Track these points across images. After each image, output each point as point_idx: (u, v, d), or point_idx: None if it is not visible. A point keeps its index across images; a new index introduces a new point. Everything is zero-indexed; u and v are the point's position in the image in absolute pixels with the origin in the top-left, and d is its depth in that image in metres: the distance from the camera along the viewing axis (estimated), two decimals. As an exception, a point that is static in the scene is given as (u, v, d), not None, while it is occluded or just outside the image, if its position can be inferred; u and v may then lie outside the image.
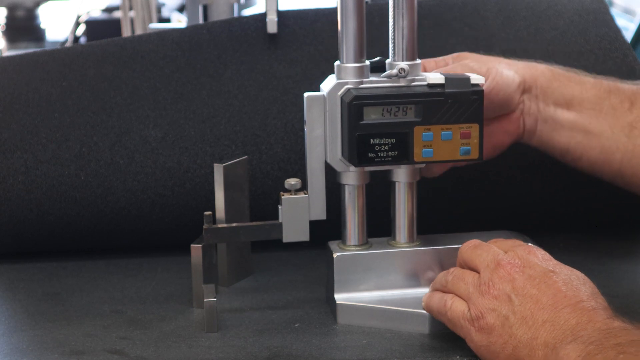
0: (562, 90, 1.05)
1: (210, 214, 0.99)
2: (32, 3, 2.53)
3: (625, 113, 1.05)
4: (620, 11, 2.70)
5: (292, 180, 1.00)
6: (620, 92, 1.06)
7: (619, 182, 1.07)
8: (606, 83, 1.07)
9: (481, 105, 0.97)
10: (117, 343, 0.94)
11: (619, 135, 1.04)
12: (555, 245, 1.08)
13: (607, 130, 1.05)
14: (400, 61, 0.98)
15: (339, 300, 0.98)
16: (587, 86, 1.06)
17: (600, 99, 1.05)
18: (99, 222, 1.15)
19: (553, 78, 1.05)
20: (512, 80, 1.03)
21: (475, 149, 0.98)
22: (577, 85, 1.05)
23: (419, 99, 0.96)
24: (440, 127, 0.97)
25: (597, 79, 1.07)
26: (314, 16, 1.24)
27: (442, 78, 0.97)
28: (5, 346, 0.95)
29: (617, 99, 1.05)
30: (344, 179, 0.99)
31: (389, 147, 0.97)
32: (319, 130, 0.98)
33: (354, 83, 0.97)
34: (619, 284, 1.07)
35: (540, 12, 1.25)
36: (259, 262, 1.14)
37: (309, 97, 0.98)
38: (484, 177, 1.16)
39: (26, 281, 1.11)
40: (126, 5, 1.86)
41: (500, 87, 1.02)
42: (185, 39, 1.21)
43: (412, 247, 1.01)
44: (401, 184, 1.00)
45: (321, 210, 1.00)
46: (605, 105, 1.05)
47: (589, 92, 1.05)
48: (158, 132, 1.15)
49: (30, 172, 1.13)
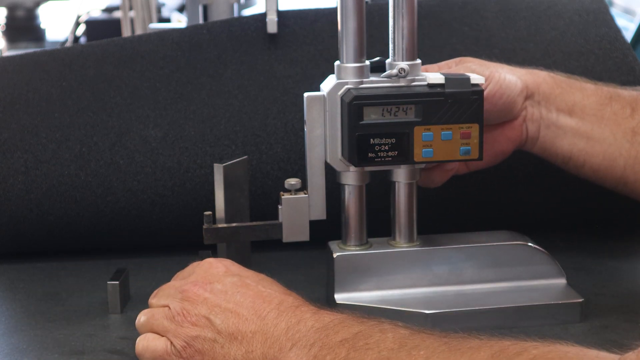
0: (564, 96, 1.05)
1: (210, 213, 0.99)
2: (32, 3, 2.53)
3: (627, 119, 1.04)
4: (620, 11, 2.70)
5: (292, 180, 1.00)
6: (621, 98, 1.05)
7: (622, 189, 1.06)
8: (606, 89, 1.06)
9: (481, 105, 0.97)
10: (117, 343, 0.94)
11: (622, 141, 1.04)
12: (555, 245, 1.08)
13: (610, 136, 1.04)
14: (400, 61, 0.98)
15: (339, 300, 0.98)
16: (588, 92, 1.05)
17: (601, 105, 1.05)
18: (99, 222, 1.15)
19: (555, 85, 1.05)
20: (514, 85, 1.02)
21: (475, 148, 0.98)
22: (579, 92, 1.05)
23: (419, 99, 0.96)
24: (440, 127, 0.97)
25: (598, 86, 1.07)
26: (314, 16, 1.24)
27: (442, 78, 0.97)
28: (5, 346, 0.95)
29: (619, 105, 1.05)
30: (344, 179, 0.99)
31: (389, 147, 0.97)
32: (319, 130, 0.98)
33: (354, 83, 0.97)
34: (619, 284, 1.07)
35: (540, 12, 1.25)
36: (259, 262, 1.13)
37: (309, 97, 0.98)
38: (484, 177, 1.16)
39: (26, 281, 1.11)
40: (126, 5, 1.86)
41: (503, 91, 1.02)
42: (185, 39, 1.21)
43: (412, 247, 1.01)
44: (401, 184, 1.00)
45: (321, 210, 1.00)
46: (607, 112, 1.05)
47: (590, 98, 1.05)
48: (158, 132, 1.15)
49: (30, 172, 1.13)
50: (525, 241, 1.02)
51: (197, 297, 0.86)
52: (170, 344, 0.85)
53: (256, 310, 0.84)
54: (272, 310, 0.83)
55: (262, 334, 0.82)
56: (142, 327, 0.89)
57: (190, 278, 0.90)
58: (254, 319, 0.83)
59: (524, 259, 1.01)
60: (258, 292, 0.86)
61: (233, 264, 0.91)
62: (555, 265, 1.02)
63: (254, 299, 0.85)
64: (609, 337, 0.94)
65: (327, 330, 0.80)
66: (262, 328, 0.82)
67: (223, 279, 0.88)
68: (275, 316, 0.83)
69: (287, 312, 0.83)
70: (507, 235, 1.03)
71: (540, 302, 0.97)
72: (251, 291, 0.86)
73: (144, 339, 0.88)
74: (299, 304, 0.85)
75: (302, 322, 0.82)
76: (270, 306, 0.84)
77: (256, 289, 0.86)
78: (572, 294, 0.99)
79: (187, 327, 0.85)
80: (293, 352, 0.79)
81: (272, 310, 0.83)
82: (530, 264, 1.01)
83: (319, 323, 0.81)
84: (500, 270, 1.01)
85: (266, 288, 0.86)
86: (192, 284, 0.88)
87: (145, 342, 0.87)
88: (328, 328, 0.80)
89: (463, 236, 1.03)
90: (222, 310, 0.84)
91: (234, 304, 0.85)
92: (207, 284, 0.87)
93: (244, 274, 0.89)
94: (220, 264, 0.90)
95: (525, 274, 1.01)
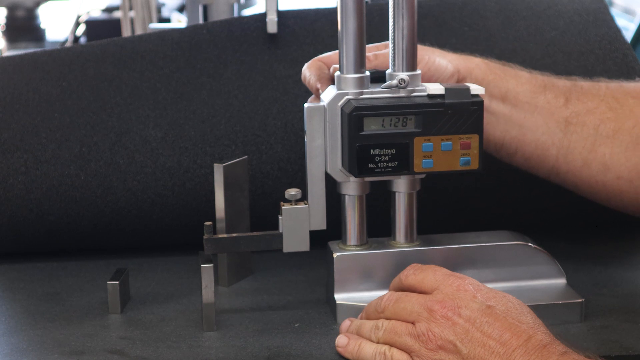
0: (497, 82, 1.03)
1: (211, 224, 0.99)
2: (32, 3, 2.53)
3: (561, 108, 1.03)
4: (620, 11, 2.70)
5: (293, 191, 0.99)
6: (555, 88, 1.05)
7: (553, 178, 1.06)
8: (541, 78, 1.05)
9: (481, 116, 0.97)
10: (117, 343, 0.94)
11: (555, 130, 1.03)
12: (555, 245, 1.08)
13: (542, 125, 1.03)
14: (400, 72, 0.98)
15: (339, 300, 0.98)
16: (522, 80, 1.04)
17: (535, 93, 1.04)
18: (99, 222, 1.15)
19: (488, 71, 1.04)
20: (444, 68, 1.01)
21: (475, 159, 0.98)
22: (513, 79, 1.04)
23: (419, 110, 0.96)
24: (440, 138, 0.97)
25: (532, 74, 1.06)
26: (314, 16, 1.24)
27: (442, 89, 0.97)
28: (5, 346, 0.95)
29: (552, 94, 1.04)
30: (344, 189, 1.00)
31: (389, 157, 0.97)
32: (319, 140, 0.98)
33: (354, 94, 0.97)
34: (619, 284, 1.07)
35: (540, 12, 1.25)
36: (259, 262, 1.14)
37: (309, 107, 0.98)
38: (484, 178, 1.16)
39: (26, 281, 1.11)
40: (126, 5, 1.86)
41: (432, 73, 1.01)
42: (185, 39, 1.21)
43: (412, 247, 1.01)
44: (401, 194, 1.00)
45: (321, 220, 1.00)
46: (540, 100, 1.03)
47: (524, 86, 1.04)
48: (158, 132, 1.15)
49: (30, 172, 1.13)
50: (525, 241, 1.02)
51: (445, 320, 0.85)
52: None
53: (503, 343, 0.83)
54: (520, 347, 0.82)
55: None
56: (380, 338, 0.89)
57: (437, 296, 0.88)
58: (501, 352, 0.82)
59: (524, 259, 1.01)
60: (506, 324, 0.84)
61: (480, 285, 0.89)
62: (555, 265, 1.02)
63: (501, 332, 0.84)
64: (609, 337, 0.94)
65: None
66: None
67: (471, 304, 0.86)
68: (521, 354, 0.82)
69: (534, 353, 0.82)
70: (507, 235, 1.03)
71: (540, 302, 0.97)
72: (499, 322, 0.85)
73: (389, 350, 0.87)
74: (547, 342, 0.83)
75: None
76: (518, 342, 0.83)
77: (504, 319, 0.85)
78: (572, 294, 0.99)
79: (433, 349, 0.85)
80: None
81: (519, 347, 0.82)
82: (530, 264, 1.01)
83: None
84: (500, 270, 1.01)
85: (514, 319, 0.85)
86: (440, 305, 0.86)
87: (390, 353, 0.87)
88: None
89: (463, 236, 1.03)
90: (470, 339, 0.84)
91: (482, 333, 0.84)
92: (455, 308, 0.86)
93: (493, 301, 0.87)
94: (470, 285, 0.88)
95: (525, 274, 1.01)
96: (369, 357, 0.89)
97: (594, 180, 1.03)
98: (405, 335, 0.87)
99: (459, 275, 0.90)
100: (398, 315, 0.89)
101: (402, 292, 0.92)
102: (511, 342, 0.83)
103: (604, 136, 1.02)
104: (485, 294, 0.88)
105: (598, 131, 1.02)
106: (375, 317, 0.92)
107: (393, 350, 0.88)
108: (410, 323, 0.88)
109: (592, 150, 1.02)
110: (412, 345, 0.86)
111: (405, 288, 0.93)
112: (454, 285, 0.89)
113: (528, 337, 0.83)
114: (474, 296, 0.87)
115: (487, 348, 0.83)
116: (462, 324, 0.85)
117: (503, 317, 0.85)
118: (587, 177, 1.03)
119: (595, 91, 1.05)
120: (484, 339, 0.84)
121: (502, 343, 0.83)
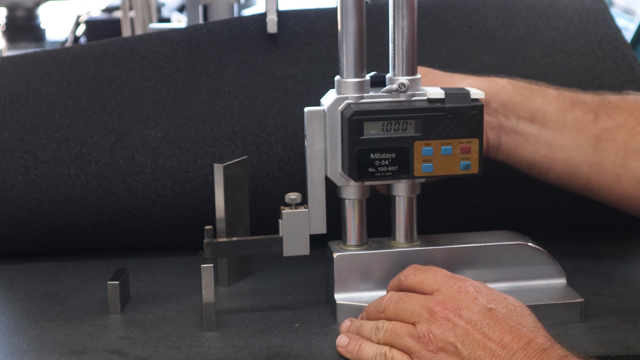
0: (525, 103, 1.03)
1: (211, 228, 0.99)
2: (32, 3, 2.53)
3: (590, 125, 1.03)
4: (620, 11, 2.70)
5: (293, 195, 0.99)
6: (584, 104, 1.04)
7: (587, 194, 1.05)
8: (569, 95, 1.05)
9: (481, 120, 0.97)
10: (117, 343, 0.95)
11: (585, 148, 1.03)
12: (555, 245, 1.08)
13: (572, 143, 1.03)
14: (400, 76, 0.98)
15: (339, 300, 0.98)
16: (550, 99, 1.04)
17: (563, 111, 1.03)
18: (99, 222, 1.15)
19: (515, 92, 1.04)
20: None
21: (475, 163, 0.98)
22: (540, 98, 1.04)
23: (419, 114, 0.97)
24: (440, 142, 0.97)
25: (560, 91, 1.06)
26: (314, 16, 1.24)
27: (442, 93, 0.97)
28: (5, 346, 0.95)
29: (581, 111, 1.04)
30: (344, 194, 1.00)
31: (389, 162, 0.97)
32: (319, 144, 0.98)
33: (354, 98, 0.97)
34: (619, 284, 1.07)
35: (540, 12, 1.25)
36: (259, 262, 1.14)
37: (310, 111, 0.98)
38: (484, 178, 1.16)
39: (26, 281, 1.11)
40: (126, 5, 1.86)
41: None
42: (185, 39, 1.21)
43: (412, 247, 1.01)
44: (401, 199, 1.00)
45: (321, 224, 1.00)
46: (569, 118, 1.03)
47: (552, 104, 1.04)
48: (158, 132, 1.15)
49: (30, 172, 1.13)
50: (525, 241, 1.02)
51: (446, 321, 0.85)
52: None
53: (504, 346, 0.83)
54: (520, 350, 0.82)
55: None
56: (381, 338, 0.89)
57: (438, 297, 0.88)
58: (502, 355, 0.82)
59: (524, 259, 1.01)
60: (507, 327, 0.84)
61: (481, 285, 0.89)
62: (555, 265, 1.02)
63: (502, 334, 0.84)
64: (609, 337, 0.94)
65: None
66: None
67: (472, 305, 0.86)
68: (522, 357, 0.82)
69: (535, 356, 0.82)
70: (507, 235, 1.03)
71: (540, 302, 0.97)
72: (499, 324, 0.84)
73: (390, 351, 0.87)
74: (547, 346, 0.83)
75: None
76: (519, 345, 0.83)
77: (505, 322, 0.85)
78: (572, 294, 0.99)
79: (434, 351, 0.85)
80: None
81: (520, 350, 0.82)
82: (530, 264, 1.01)
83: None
84: (500, 270, 1.01)
85: (515, 322, 0.85)
86: (441, 306, 0.86)
87: (391, 354, 0.87)
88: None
89: (463, 236, 1.03)
90: (470, 341, 0.84)
91: (482, 335, 0.84)
92: (456, 309, 0.86)
93: (494, 303, 0.87)
94: (470, 287, 0.88)
95: (525, 274, 1.01)
96: (369, 357, 0.89)
97: (627, 195, 1.03)
98: (405, 337, 0.87)
99: (460, 277, 0.90)
100: (399, 316, 0.89)
101: (403, 292, 0.92)
102: (512, 345, 0.83)
103: (635, 151, 1.02)
104: (486, 296, 0.88)
105: (628, 146, 1.02)
106: (376, 318, 0.92)
107: (394, 351, 0.88)
108: (411, 324, 0.88)
109: (623, 165, 1.02)
110: (413, 346, 0.86)
111: (404, 289, 0.93)
112: (454, 287, 0.88)
113: (528, 341, 0.83)
114: (475, 298, 0.87)
115: (488, 350, 0.83)
116: (463, 326, 0.85)
117: (504, 320, 0.85)
118: (620, 192, 1.03)
119: (624, 105, 1.05)
120: (484, 341, 0.84)
121: (503, 346, 0.83)
